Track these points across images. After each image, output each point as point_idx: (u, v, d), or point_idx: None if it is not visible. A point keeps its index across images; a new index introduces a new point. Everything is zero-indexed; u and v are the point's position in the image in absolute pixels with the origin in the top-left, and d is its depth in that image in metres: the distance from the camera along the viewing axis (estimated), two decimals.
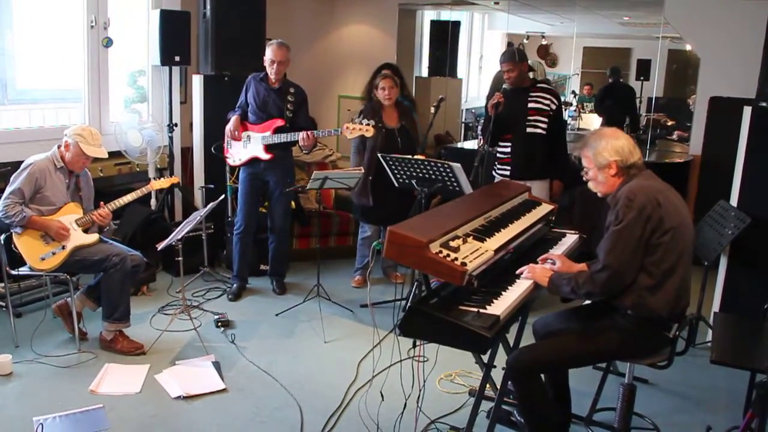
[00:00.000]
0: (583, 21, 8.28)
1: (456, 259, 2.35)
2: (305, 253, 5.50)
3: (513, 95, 4.46)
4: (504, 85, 4.58)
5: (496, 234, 2.73)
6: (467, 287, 2.36)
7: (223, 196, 4.51)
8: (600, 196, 2.69)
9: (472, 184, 4.02)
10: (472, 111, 8.86)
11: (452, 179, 3.95)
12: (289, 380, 3.58)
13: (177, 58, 5.21)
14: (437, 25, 8.35)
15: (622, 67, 8.01)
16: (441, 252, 2.36)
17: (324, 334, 4.18)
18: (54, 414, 3.11)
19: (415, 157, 4.13)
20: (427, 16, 8.33)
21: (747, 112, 4.02)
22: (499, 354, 2.94)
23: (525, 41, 9.16)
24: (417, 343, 2.79)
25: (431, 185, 4.03)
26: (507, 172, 4.56)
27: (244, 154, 4.65)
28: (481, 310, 2.32)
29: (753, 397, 2.54)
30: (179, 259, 4.05)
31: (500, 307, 2.37)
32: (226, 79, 5.32)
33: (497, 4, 7.99)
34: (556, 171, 4.57)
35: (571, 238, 3.22)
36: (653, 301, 2.51)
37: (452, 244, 2.44)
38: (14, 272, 3.79)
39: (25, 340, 3.84)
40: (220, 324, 4.24)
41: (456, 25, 8.36)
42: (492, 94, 4.46)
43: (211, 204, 4.14)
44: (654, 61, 7.32)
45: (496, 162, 4.68)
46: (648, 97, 7.58)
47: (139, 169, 5.27)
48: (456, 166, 3.91)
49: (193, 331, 4.03)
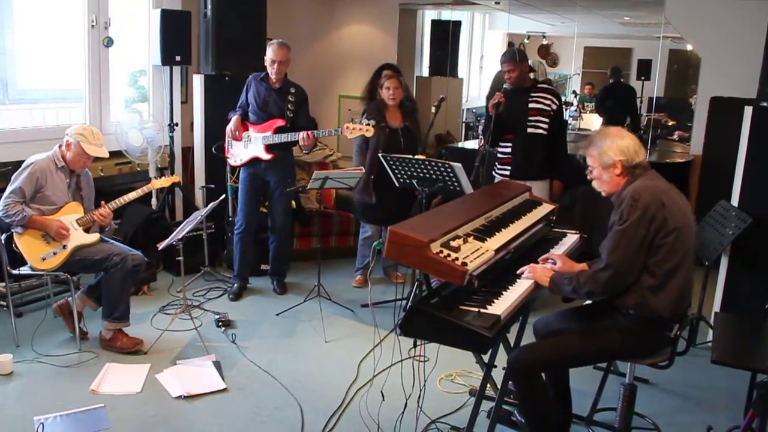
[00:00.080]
0: (584, 21, 8.28)
1: (457, 258, 2.35)
2: (306, 253, 5.50)
3: (514, 95, 4.46)
4: (505, 85, 4.58)
5: (496, 234, 2.73)
6: (468, 287, 2.36)
7: (223, 196, 4.51)
8: (604, 195, 2.69)
9: (472, 184, 4.02)
10: (473, 111, 8.87)
11: (453, 179, 3.95)
12: (290, 380, 3.59)
13: (178, 57, 5.21)
14: (438, 25, 8.36)
15: (622, 67, 8.00)
16: (442, 252, 2.36)
17: (325, 334, 4.18)
18: (55, 413, 3.11)
19: (416, 156, 4.13)
20: (428, 15, 8.33)
21: (748, 112, 4.02)
22: (500, 354, 2.94)
23: (526, 41, 9.16)
24: (417, 343, 2.78)
25: (432, 185, 4.03)
26: (507, 172, 4.56)
27: (245, 154, 4.65)
28: (482, 310, 2.32)
29: (754, 397, 2.54)
30: (180, 258, 4.05)
31: (501, 306, 2.37)
32: (227, 78, 5.33)
33: (498, 3, 7.99)
34: (556, 171, 4.57)
35: (571, 238, 3.22)
36: (655, 302, 2.51)
37: (453, 243, 2.43)
38: (15, 272, 3.79)
39: (25, 340, 3.84)
40: (220, 324, 4.24)
41: (457, 24, 8.36)
42: (492, 94, 4.46)
43: (212, 204, 4.14)
44: (655, 61, 7.32)
45: (497, 162, 4.68)
46: (649, 97, 7.59)
47: (139, 169, 5.27)
48: (457, 165, 3.91)
49: (193, 330, 4.03)
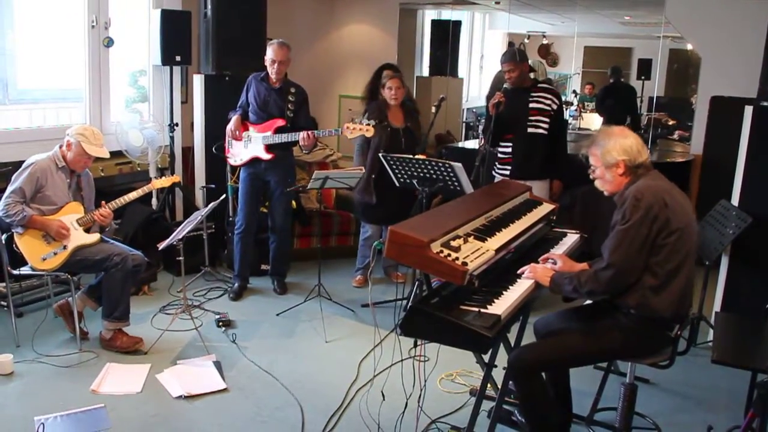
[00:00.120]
0: (584, 20, 8.28)
1: (457, 258, 2.35)
2: (306, 253, 5.50)
3: (514, 95, 4.46)
4: (505, 85, 4.58)
5: (497, 234, 2.73)
6: (468, 287, 2.36)
7: (223, 196, 4.51)
8: (606, 194, 2.68)
9: (473, 183, 4.02)
10: (473, 110, 8.86)
11: (453, 179, 3.95)
12: (290, 380, 3.59)
13: (178, 57, 5.21)
14: (438, 25, 8.35)
15: (623, 67, 7.99)
16: (442, 252, 2.36)
17: (325, 334, 4.18)
18: (55, 414, 3.11)
19: (416, 156, 4.13)
20: (428, 15, 8.33)
21: (748, 111, 4.02)
22: (500, 354, 2.94)
23: (526, 41, 9.16)
24: (418, 343, 2.77)
25: (432, 185, 4.03)
26: (507, 171, 4.56)
27: (245, 153, 4.65)
28: (482, 310, 2.32)
29: (754, 397, 2.54)
30: (180, 258, 4.05)
31: (501, 306, 2.37)
32: (227, 78, 5.33)
33: (498, 3, 7.98)
34: (557, 171, 4.57)
35: (572, 238, 3.22)
36: (657, 302, 2.51)
37: (453, 243, 2.43)
38: (15, 272, 3.79)
39: (26, 340, 3.85)
40: (221, 324, 4.24)
41: (457, 24, 8.36)
42: (492, 94, 4.46)
43: (212, 204, 4.14)
44: (655, 60, 7.31)
45: (497, 162, 4.67)
46: (649, 97, 7.58)
47: (140, 169, 5.27)
48: (457, 165, 3.91)
49: (194, 330, 4.03)
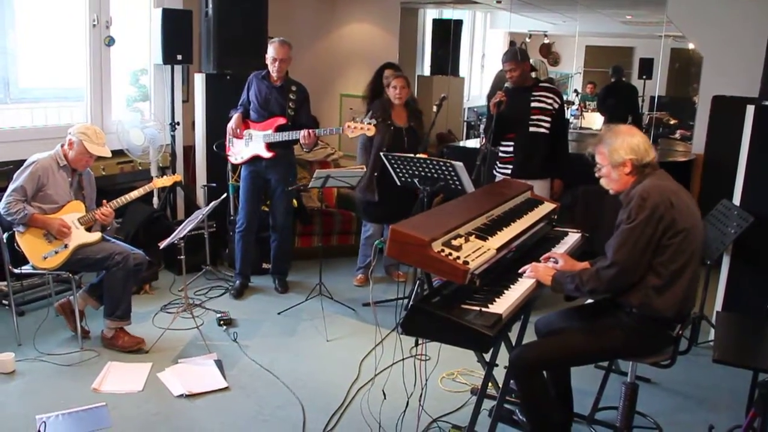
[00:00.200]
0: (586, 20, 8.27)
1: (458, 257, 2.35)
2: (307, 252, 5.50)
3: (515, 94, 4.46)
4: (506, 84, 4.58)
5: (498, 233, 2.73)
6: (469, 286, 2.36)
7: (225, 195, 4.51)
8: (612, 193, 2.68)
9: (474, 182, 4.02)
10: (474, 110, 8.86)
11: (454, 178, 3.95)
12: (292, 379, 3.59)
13: (179, 56, 5.21)
14: (439, 24, 8.35)
15: (624, 66, 7.98)
16: (443, 250, 2.36)
17: (326, 333, 4.18)
18: (56, 412, 3.10)
19: (418, 155, 4.13)
20: (429, 14, 8.33)
21: (750, 110, 4.02)
22: (501, 353, 2.94)
23: (527, 40, 9.15)
24: (419, 342, 2.78)
25: (433, 184, 4.03)
26: (508, 171, 4.56)
27: (246, 152, 4.65)
28: (484, 309, 2.32)
29: (755, 396, 2.54)
30: (181, 257, 4.05)
31: (502, 305, 2.37)
32: (228, 77, 5.33)
33: (499, 2, 7.98)
34: (558, 170, 4.57)
35: (573, 237, 3.22)
36: (660, 302, 2.51)
37: (454, 242, 2.43)
38: (17, 271, 3.79)
39: (27, 339, 3.85)
40: (222, 322, 4.24)
41: (458, 23, 8.36)
42: (493, 94, 4.45)
43: (213, 202, 4.14)
44: (656, 59, 7.30)
45: (498, 161, 4.67)
46: (650, 96, 7.58)
47: (141, 168, 5.27)
48: (458, 164, 3.91)
49: (195, 329, 4.03)
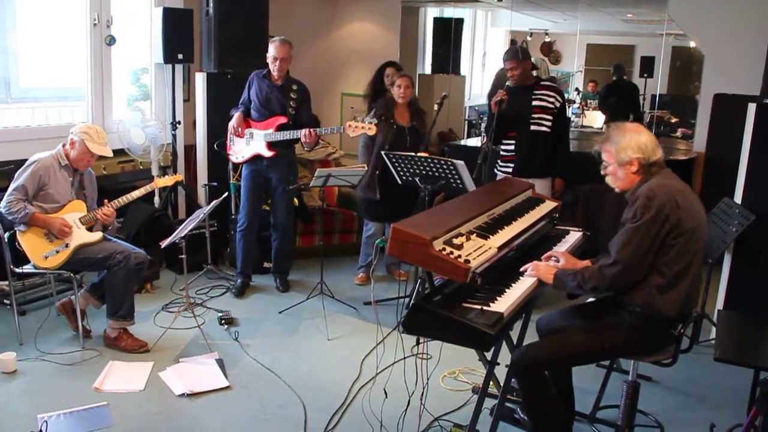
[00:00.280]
0: (587, 18, 8.26)
1: (459, 256, 2.35)
2: (308, 251, 5.50)
3: (517, 93, 4.45)
4: (508, 83, 4.58)
5: (499, 231, 2.73)
6: (471, 284, 2.36)
7: (226, 194, 4.51)
8: (617, 191, 2.67)
9: (475, 181, 4.02)
10: (476, 108, 8.84)
11: (455, 177, 3.95)
12: (293, 378, 3.59)
13: (180, 55, 5.21)
14: (440, 23, 8.34)
15: (625, 64, 7.97)
16: (444, 249, 2.36)
17: (327, 332, 4.18)
18: (58, 411, 3.10)
19: (419, 154, 4.13)
20: (430, 13, 8.32)
21: (751, 108, 4.01)
22: (503, 351, 2.94)
23: (528, 38, 9.13)
24: (420, 341, 2.77)
25: (435, 182, 4.03)
26: (510, 169, 4.56)
27: (247, 151, 4.65)
28: (485, 308, 2.32)
29: (757, 395, 2.54)
30: (183, 256, 4.05)
31: (504, 304, 2.37)
32: (229, 76, 5.33)
33: (500, 1, 7.97)
34: (559, 169, 4.56)
35: (574, 236, 3.21)
36: (663, 302, 2.51)
37: (456, 241, 2.43)
38: (18, 270, 3.78)
39: (29, 338, 3.85)
40: (223, 321, 4.25)
41: (459, 22, 8.34)
42: (494, 93, 4.45)
43: (215, 201, 4.14)
44: (657, 58, 7.28)
45: (499, 159, 4.67)
46: (651, 95, 7.56)
47: (142, 167, 5.27)
48: (459, 163, 3.91)
49: (196, 328, 4.03)
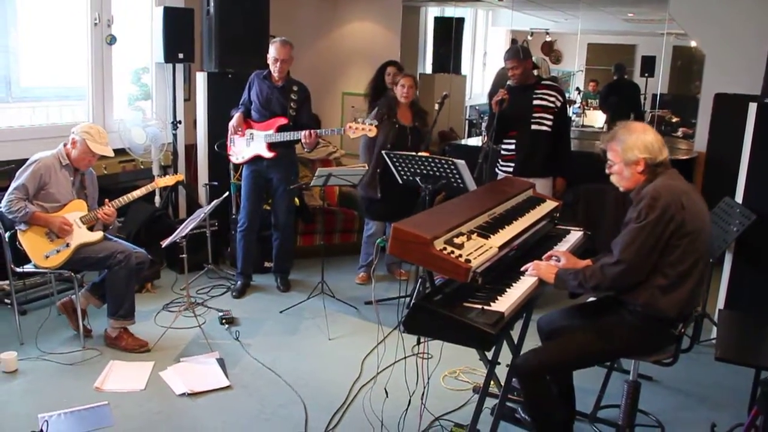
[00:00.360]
0: (588, 17, 8.25)
1: (460, 255, 2.34)
2: (309, 251, 5.50)
3: (518, 92, 4.45)
4: (508, 82, 4.57)
5: (500, 231, 2.72)
6: (471, 284, 2.35)
7: (227, 194, 4.51)
8: (622, 190, 2.66)
9: (476, 181, 4.02)
10: (476, 108, 8.84)
11: (456, 176, 3.95)
12: (294, 377, 3.59)
13: (181, 55, 5.21)
14: (441, 22, 8.34)
15: (626, 64, 7.96)
16: (445, 249, 2.36)
17: (328, 331, 4.18)
18: (59, 411, 3.12)
19: (420, 153, 4.13)
20: (431, 12, 8.31)
21: (752, 108, 4.01)
22: (503, 351, 2.94)
23: (529, 38, 9.12)
24: (421, 340, 2.78)
25: (435, 182, 4.03)
26: (510, 169, 4.56)
27: (247, 151, 4.65)
28: (486, 307, 2.31)
29: (758, 395, 2.54)
30: (183, 256, 4.05)
31: (505, 304, 2.37)
32: (230, 76, 5.34)
33: (501, 0, 7.96)
34: (560, 168, 4.56)
35: (575, 235, 3.21)
36: (664, 302, 2.50)
37: (456, 240, 2.43)
38: (19, 269, 3.79)
39: (30, 338, 3.85)
40: (224, 321, 4.25)
41: (460, 21, 8.34)
42: (495, 92, 4.45)
43: (215, 201, 4.15)
44: (658, 57, 7.27)
45: (500, 159, 4.67)
46: (652, 94, 7.55)
47: (143, 167, 5.27)
48: (460, 163, 3.91)
49: (197, 328, 4.03)
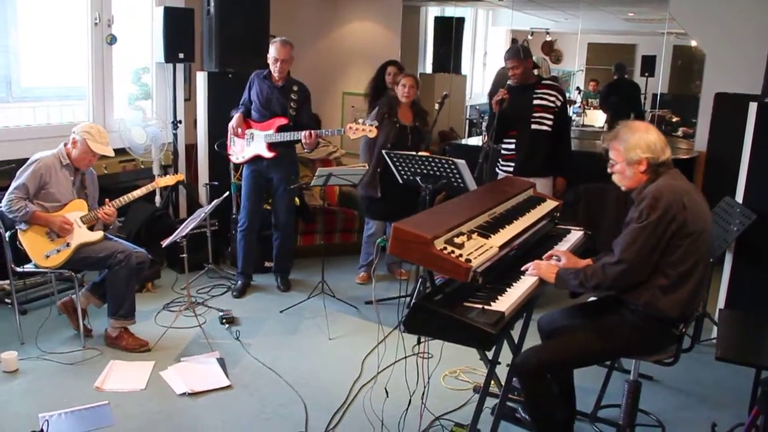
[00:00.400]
0: (588, 17, 8.25)
1: (461, 255, 2.34)
2: (309, 250, 5.50)
3: (518, 92, 4.45)
4: (509, 82, 4.57)
5: (500, 230, 2.72)
6: (472, 284, 2.35)
7: (227, 193, 4.51)
8: (623, 189, 2.65)
9: (476, 180, 4.02)
10: (476, 107, 8.84)
11: (457, 176, 3.95)
12: (294, 377, 3.59)
13: (181, 55, 5.21)
14: (441, 22, 8.33)
15: (626, 63, 7.96)
16: (446, 248, 2.36)
17: (328, 331, 4.18)
18: (59, 410, 3.12)
19: (420, 153, 4.13)
20: (431, 12, 8.31)
21: (752, 108, 4.01)
22: (504, 351, 2.94)
23: (529, 37, 9.12)
24: (421, 340, 2.78)
25: (436, 182, 4.03)
26: (511, 168, 4.56)
27: (247, 151, 4.65)
28: (486, 307, 2.31)
29: (758, 394, 2.54)
30: (184, 255, 4.06)
31: (505, 303, 2.37)
32: (230, 76, 5.34)
33: (501, 0, 7.96)
34: (560, 168, 4.56)
35: (575, 235, 3.21)
36: (665, 302, 2.50)
37: (457, 240, 2.43)
38: (19, 269, 3.79)
39: (30, 337, 3.85)
40: (224, 321, 4.25)
41: (460, 21, 8.34)
42: (495, 92, 4.45)
43: (216, 201, 4.15)
44: (659, 57, 7.27)
45: (500, 159, 4.67)
46: (653, 94, 7.55)
47: (143, 167, 5.28)
48: (460, 162, 3.91)
49: (197, 327, 4.04)
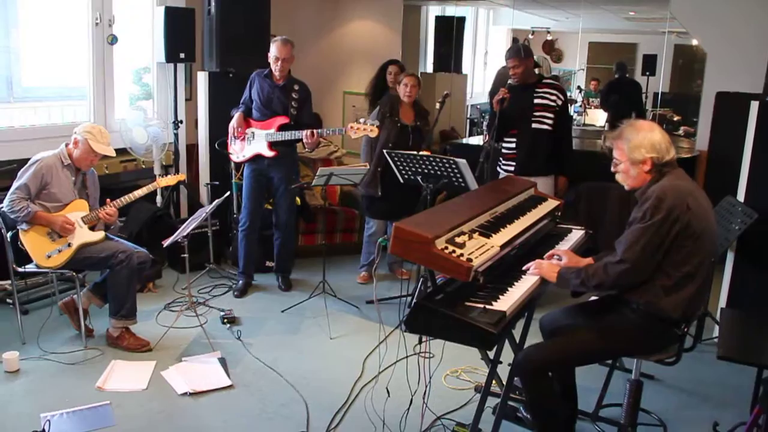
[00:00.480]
0: (589, 16, 8.25)
1: (462, 255, 2.34)
2: (310, 250, 5.50)
3: (519, 91, 4.45)
4: (510, 81, 4.57)
5: (501, 230, 2.72)
6: (473, 283, 2.35)
7: (228, 193, 4.51)
8: (627, 189, 2.64)
9: (477, 180, 4.01)
10: (477, 107, 8.84)
11: (457, 175, 3.95)
12: (295, 376, 3.59)
13: (182, 55, 5.22)
14: (442, 21, 8.34)
15: (627, 63, 7.96)
16: (447, 248, 2.36)
17: (330, 331, 4.18)
18: (61, 410, 3.13)
19: (421, 152, 4.13)
20: (432, 11, 8.32)
21: (754, 107, 4.00)
22: (505, 350, 2.93)
23: (530, 37, 9.12)
24: (423, 339, 2.78)
25: (437, 181, 4.03)
26: (512, 167, 4.56)
27: (248, 150, 4.65)
28: (488, 306, 2.31)
29: (760, 393, 2.53)
30: (185, 255, 4.06)
31: (506, 303, 2.37)
32: (231, 75, 5.33)
33: None
34: (561, 167, 4.56)
35: (577, 234, 3.21)
36: (667, 302, 2.50)
37: (458, 240, 2.43)
38: (21, 269, 3.79)
39: (31, 337, 3.86)
40: (226, 320, 4.25)
41: (461, 20, 8.34)
42: (496, 91, 4.45)
43: (217, 201, 4.15)
44: (660, 56, 7.27)
45: (501, 158, 4.67)
46: (654, 93, 7.54)
47: (144, 166, 5.28)
48: (461, 162, 3.91)
49: (199, 327, 4.04)
